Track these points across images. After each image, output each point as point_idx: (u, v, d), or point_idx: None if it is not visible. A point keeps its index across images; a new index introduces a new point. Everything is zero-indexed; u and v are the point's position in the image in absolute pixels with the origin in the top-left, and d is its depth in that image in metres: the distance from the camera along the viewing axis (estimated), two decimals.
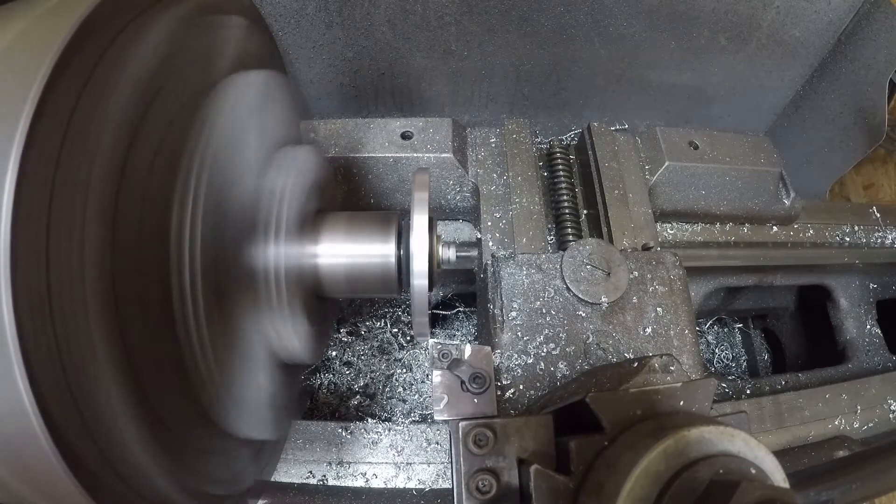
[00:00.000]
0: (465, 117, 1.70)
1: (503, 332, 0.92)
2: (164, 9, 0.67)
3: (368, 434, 1.10)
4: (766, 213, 1.38)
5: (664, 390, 0.64)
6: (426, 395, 1.75)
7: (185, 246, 0.65)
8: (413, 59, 1.49)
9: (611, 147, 1.28)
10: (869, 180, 2.24)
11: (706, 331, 2.06)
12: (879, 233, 1.50)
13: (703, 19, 1.43)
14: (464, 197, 1.27)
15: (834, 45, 1.53)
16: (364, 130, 1.25)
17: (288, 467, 1.07)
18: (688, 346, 0.95)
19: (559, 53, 1.50)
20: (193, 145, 0.69)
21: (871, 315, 1.55)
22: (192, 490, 0.71)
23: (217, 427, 0.77)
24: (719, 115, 1.78)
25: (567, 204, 1.22)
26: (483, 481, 0.69)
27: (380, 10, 1.35)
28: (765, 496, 0.45)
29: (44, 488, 0.53)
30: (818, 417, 1.25)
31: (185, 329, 0.66)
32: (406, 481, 1.06)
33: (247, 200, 0.79)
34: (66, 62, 0.50)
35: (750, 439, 0.54)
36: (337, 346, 1.80)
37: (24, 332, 0.46)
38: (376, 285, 0.92)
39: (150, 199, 0.62)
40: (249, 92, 0.82)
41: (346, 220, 0.93)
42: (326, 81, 1.54)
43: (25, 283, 0.46)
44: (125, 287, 0.57)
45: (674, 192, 1.30)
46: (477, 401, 0.82)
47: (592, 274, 0.94)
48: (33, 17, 0.55)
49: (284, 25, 1.35)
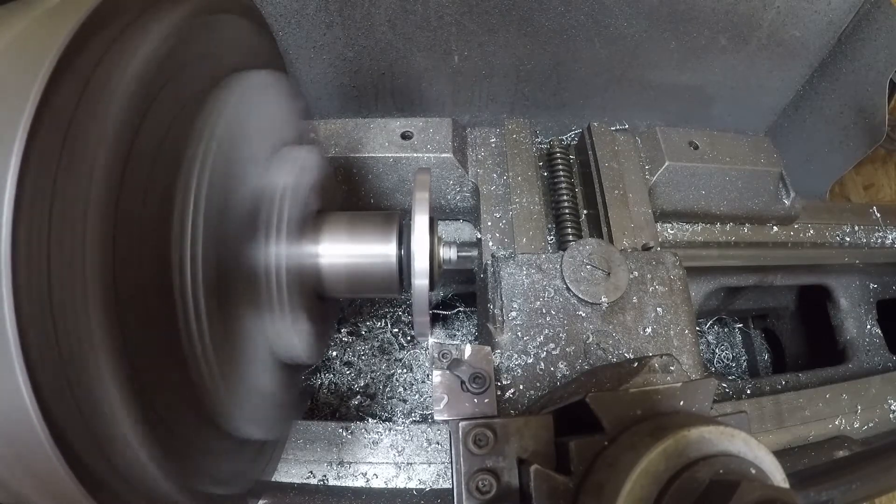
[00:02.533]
0: (466, 117, 1.70)
1: (503, 332, 0.92)
2: (164, 9, 0.67)
3: (369, 434, 1.10)
4: (766, 213, 1.38)
5: (664, 390, 0.64)
6: (427, 395, 1.75)
7: (187, 245, 0.65)
8: (413, 58, 1.49)
9: (611, 147, 1.28)
10: (869, 180, 2.24)
11: (706, 331, 2.06)
12: (879, 233, 1.50)
13: (704, 19, 1.43)
14: (464, 197, 1.27)
15: (834, 45, 1.53)
16: (364, 130, 1.25)
17: (288, 467, 1.07)
18: (688, 346, 0.95)
19: (559, 53, 1.50)
20: (195, 145, 0.69)
21: (872, 315, 1.55)
22: (193, 490, 0.71)
23: (218, 427, 0.77)
24: (719, 115, 1.78)
25: (567, 204, 1.22)
26: (483, 481, 0.69)
27: (380, 10, 1.35)
28: (765, 496, 0.45)
29: (44, 487, 0.53)
30: (818, 417, 1.25)
31: (186, 329, 0.66)
32: (406, 481, 1.06)
33: (248, 200, 0.79)
34: (68, 62, 0.50)
35: (750, 439, 0.54)
36: (337, 346, 1.80)
37: (25, 332, 0.46)
38: (377, 285, 0.92)
39: (152, 198, 0.62)
40: (250, 92, 0.82)
41: (347, 220, 0.93)
42: (327, 81, 1.54)
43: (26, 282, 0.46)
44: (126, 286, 0.57)
45: (674, 192, 1.30)
46: (477, 401, 0.82)
47: (592, 274, 0.94)
48: (34, 16, 0.55)
49: (285, 25, 1.35)
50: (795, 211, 1.39)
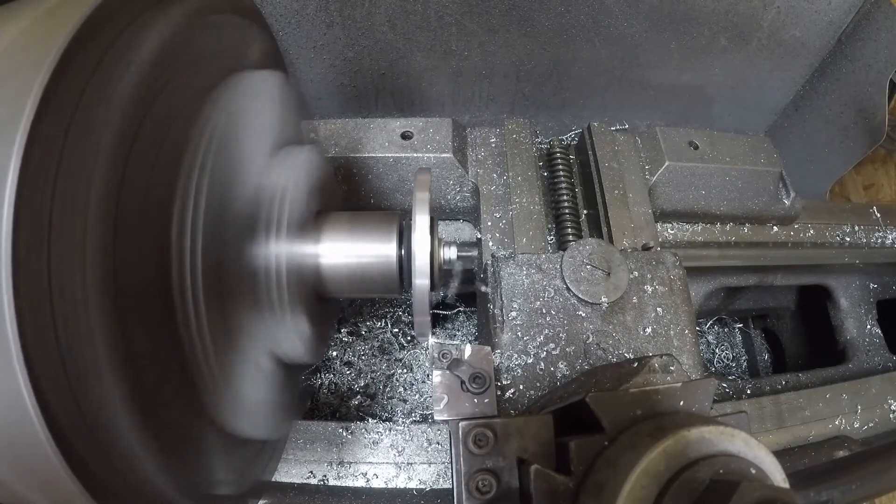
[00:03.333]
0: (466, 117, 1.70)
1: (503, 332, 0.92)
2: (165, 9, 0.67)
3: (369, 434, 1.10)
4: (766, 213, 1.38)
5: (664, 390, 0.64)
6: (427, 395, 1.75)
7: (187, 245, 0.65)
8: (413, 58, 1.49)
9: (611, 147, 1.28)
10: (869, 180, 2.24)
11: (706, 331, 2.06)
12: (879, 233, 1.50)
13: (704, 19, 1.43)
14: (464, 197, 1.27)
15: (834, 45, 1.53)
16: (364, 130, 1.25)
17: (289, 467, 1.07)
18: (688, 346, 0.95)
19: (560, 53, 1.50)
20: (196, 144, 0.69)
21: (872, 315, 1.55)
22: (193, 490, 0.71)
23: (218, 427, 0.77)
24: (719, 115, 1.78)
25: (567, 204, 1.22)
26: (483, 481, 0.69)
27: (380, 10, 1.35)
28: (765, 496, 0.45)
29: (44, 487, 0.53)
30: (818, 417, 1.25)
31: (187, 328, 0.66)
32: (407, 481, 1.06)
33: (248, 200, 0.79)
34: (69, 61, 0.50)
35: (750, 439, 0.54)
36: (337, 346, 1.80)
37: (26, 331, 0.46)
38: (378, 285, 0.92)
39: (153, 197, 0.62)
40: (251, 92, 0.82)
41: (347, 219, 0.93)
42: (327, 81, 1.54)
43: (27, 281, 0.46)
44: (126, 285, 0.57)
45: (674, 192, 1.30)
46: (477, 401, 0.82)
47: (592, 274, 0.94)
48: (34, 16, 0.55)
49: (285, 25, 1.36)
50: (795, 211, 1.39)
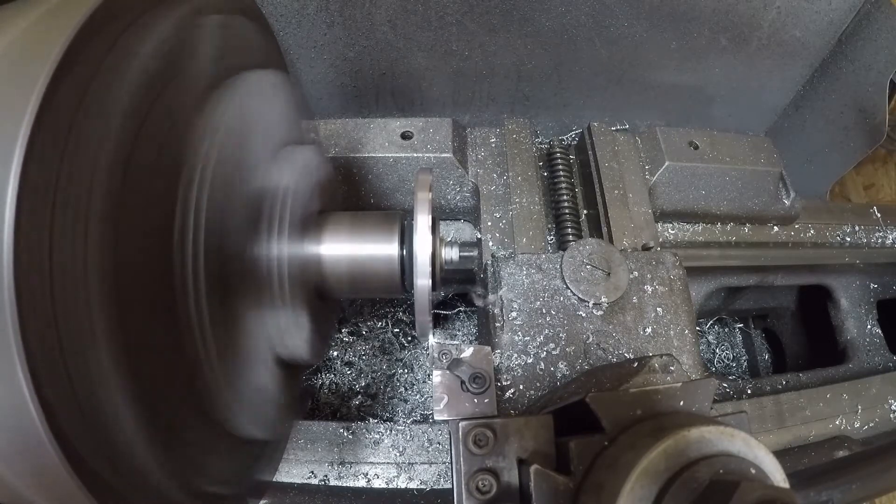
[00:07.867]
0: (466, 117, 1.70)
1: (503, 332, 0.92)
2: (166, 9, 0.67)
3: (370, 434, 1.10)
4: (766, 213, 1.38)
5: (664, 390, 0.65)
6: (427, 394, 1.75)
7: (189, 244, 0.65)
8: (414, 58, 1.49)
9: (611, 147, 1.28)
10: (869, 180, 2.24)
11: (706, 331, 2.06)
12: (880, 233, 1.50)
13: (704, 19, 1.43)
14: (464, 197, 1.27)
15: (834, 45, 1.53)
16: (364, 130, 1.25)
17: (289, 467, 1.07)
18: (688, 346, 0.95)
19: (560, 54, 1.50)
20: (197, 144, 0.69)
21: (872, 315, 1.55)
22: (193, 489, 0.71)
23: (219, 426, 0.77)
24: (719, 115, 1.78)
25: (567, 204, 1.22)
26: (483, 481, 0.69)
27: (381, 10, 1.35)
28: (765, 496, 0.45)
29: (46, 487, 0.53)
30: (819, 417, 1.25)
31: (188, 328, 0.66)
32: (408, 481, 1.06)
33: (250, 200, 0.79)
34: (70, 61, 0.50)
35: (750, 439, 0.54)
36: (338, 346, 1.80)
37: (27, 331, 0.46)
38: (379, 285, 0.93)
39: (154, 197, 0.63)
40: (252, 92, 0.83)
41: (349, 219, 0.93)
42: (327, 81, 1.54)
43: (28, 280, 0.46)
44: (128, 284, 0.57)
45: (674, 192, 1.30)
46: (477, 401, 0.82)
47: (592, 274, 0.94)
48: (35, 16, 0.55)
49: (286, 25, 1.36)
50: (795, 211, 1.39)
